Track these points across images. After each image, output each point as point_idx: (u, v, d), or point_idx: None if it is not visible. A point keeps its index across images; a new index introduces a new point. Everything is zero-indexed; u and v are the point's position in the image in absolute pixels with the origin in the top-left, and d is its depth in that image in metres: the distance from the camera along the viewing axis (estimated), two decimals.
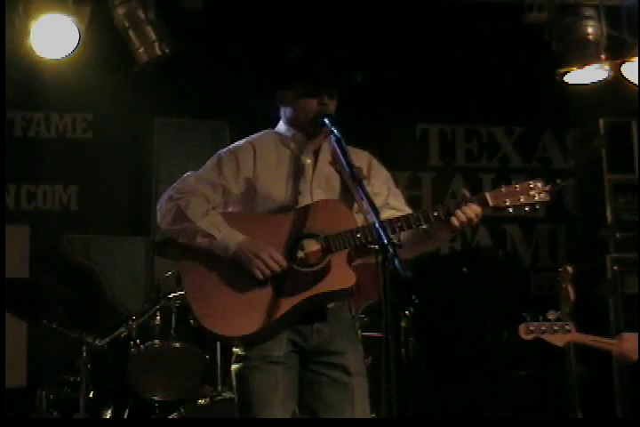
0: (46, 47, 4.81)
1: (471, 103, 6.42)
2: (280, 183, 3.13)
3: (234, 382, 3.11)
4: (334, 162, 3.19)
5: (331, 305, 3.11)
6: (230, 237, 3.01)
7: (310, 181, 3.16)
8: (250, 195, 3.13)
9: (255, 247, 2.98)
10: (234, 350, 3.12)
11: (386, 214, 3.09)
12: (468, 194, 3.06)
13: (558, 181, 3.13)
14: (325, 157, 3.21)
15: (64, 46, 4.80)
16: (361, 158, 3.21)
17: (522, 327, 4.00)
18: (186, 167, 3.28)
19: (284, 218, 3.08)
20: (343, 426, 3.06)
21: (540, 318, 4.02)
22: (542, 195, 3.09)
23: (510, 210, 3.10)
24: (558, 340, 3.99)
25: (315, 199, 3.12)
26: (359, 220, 3.07)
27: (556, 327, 3.97)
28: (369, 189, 3.05)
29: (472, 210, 3.01)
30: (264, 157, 3.16)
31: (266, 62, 3.41)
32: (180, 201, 3.07)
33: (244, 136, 3.32)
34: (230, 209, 3.18)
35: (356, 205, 3.12)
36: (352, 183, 3.09)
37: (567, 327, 3.97)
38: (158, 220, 3.11)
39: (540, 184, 3.10)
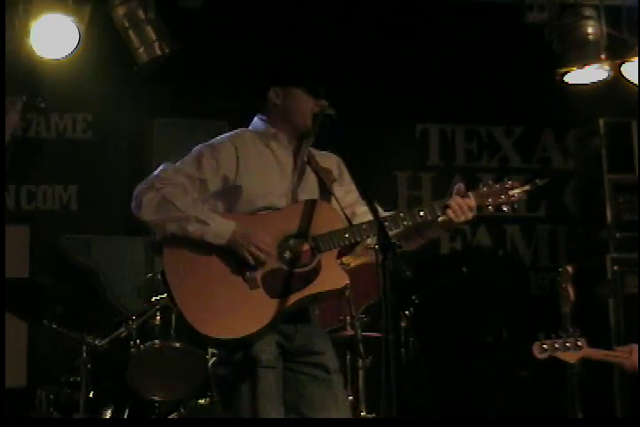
0: (46, 47, 4.81)
1: (471, 103, 6.42)
2: (262, 183, 3.10)
3: (219, 387, 3.08)
4: (310, 162, 3.19)
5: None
6: (224, 224, 2.97)
7: (291, 180, 3.15)
8: (231, 194, 3.09)
9: (249, 233, 2.95)
10: (213, 351, 3.08)
11: (361, 209, 3.11)
12: (462, 186, 3.10)
13: (537, 180, 3.18)
14: (303, 156, 3.20)
15: (64, 46, 4.80)
16: (330, 161, 3.22)
17: (536, 346, 4.00)
18: None
19: (270, 218, 3.06)
20: (343, 426, 3.06)
21: (552, 335, 4.02)
22: (521, 194, 3.16)
23: (490, 208, 3.14)
24: (571, 357, 4.00)
25: (296, 199, 3.11)
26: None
27: (568, 344, 3.97)
28: (341, 188, 3.10)
29: (466, 202, 3.05)
30: (245, 157, 3.12)
31: (265, 62, 3.40)
32: (163, 191, 3.00)
33: None
34: (210, 208, 3.10)
35: (334, 204, 3.12)
36: (328, 182, 3.13)
37: (579, 344, 3.98)
38: (138, 210, 3.03)
39: (517, 184, 3.16)
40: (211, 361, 3.11)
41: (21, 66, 5.14)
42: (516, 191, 3.14)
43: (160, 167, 3.09)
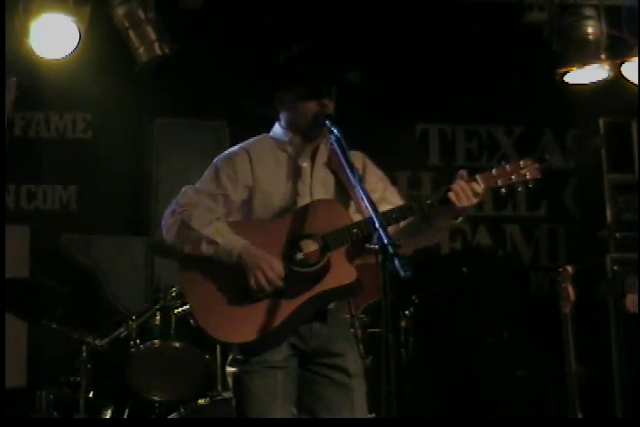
0: (46, 47, 4.80)
1: (471, 103, 6.42)
2: (279, 188, 3.14)
3: (231, 386, 3.11)
4: (330, 162, 3.20)
5: (330, 306, 3.12)
6: (233, 243, 3.01)
7: (309, 184, 3.16)
8: (249, 201, 3.14)
9: (257, 256, 2.99)
10: (231, 352, 3.11)
11: (385, 208, 3.08)
12: (465, 174, 3.07)
13: (546, 156, 3.13)
14: (322, 158, 3.21)
15: (64, 46, 4.79)
16: (356, 159, 3.19)
17: (629, 300, 3.94)
18: (186, 167, 3.29)
19: (282, 221, 3.08)
20: (343, 426, 3.07)
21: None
22: (534, 172, 3.10)
23: (503, 190, 3.09)
24: None
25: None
26: (356, 219, 3.08)
27: None
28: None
29: (470, 186, 3.01)
30: (261, 163, 3.16)
31: (265, 63, 3.41)
32: (182, 214, 3.07)
33: (244, 136, 3.32)
34: (231, 218, 3.16)
35: (353, 206, 3.14)
36: (349, 184, 3.11)
37: None
38: (164, 234, 3.11)
39: (529, 162, 3.10)
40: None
41: (21, 66, 5.14)
42: (527, 170, 3.09)
43: (182, 191, 3.16)
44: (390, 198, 3.22)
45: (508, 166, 3.09)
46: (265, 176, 3.14)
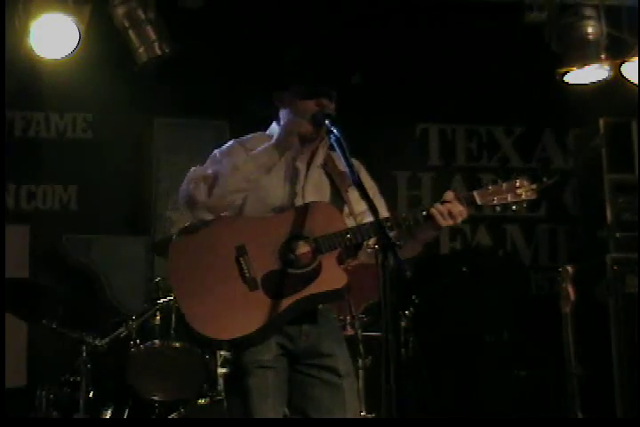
0: (46, 47, 4.81)
1: (471, 103, 6.43)
2: (272, 187, 3.12)
3: (223, 387, 3.12)
4: (326, 165, 3.20)
5: (319, 306, 3.12)
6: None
7: (303, 185, 3.16)
8: (243, 198, 3.11)
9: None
10: (222, 353, 3.12)
11: (368, 219, 3.07)
12: (452, 194, 3.06)
13: (544, 179, 3.13)
14: (318, 161, 3.21)
15: (64, 46, 4.80)
16: None
17: None
18: (186, 167, 3.28)
19: (277, 220, 3.07)
20: (342, 426, 3.07)
21: None
22: (529, 193, 3.11)
23: (497, 208, 3.11)
24: None
25: (305, 202, 3.11)
26: (349, 223, 3.08)
27: None
28: (354, 195, 3.03)
29: (455, 206, 3.01)
30: None
31: (265, 62, 3.41)
32: (200, 178, 3.05)
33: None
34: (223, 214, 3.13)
35: (346, 209, 3.13)
36: (343, 187, 3.12)
37: None
38: (189, 201, 3.02)
39: (526, 182, 3.11)
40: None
41: (21, 66, 5.15)
42: (523, 190, 3.10)
43: (189, 172, 3.14)
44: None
45: (504, 185, 3.11)
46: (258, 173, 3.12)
